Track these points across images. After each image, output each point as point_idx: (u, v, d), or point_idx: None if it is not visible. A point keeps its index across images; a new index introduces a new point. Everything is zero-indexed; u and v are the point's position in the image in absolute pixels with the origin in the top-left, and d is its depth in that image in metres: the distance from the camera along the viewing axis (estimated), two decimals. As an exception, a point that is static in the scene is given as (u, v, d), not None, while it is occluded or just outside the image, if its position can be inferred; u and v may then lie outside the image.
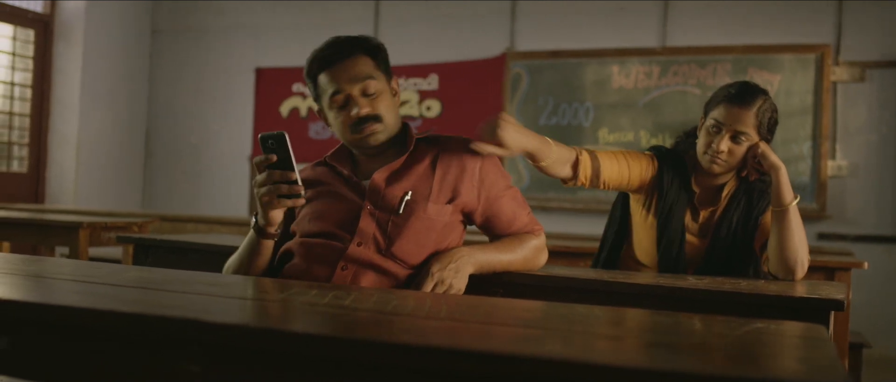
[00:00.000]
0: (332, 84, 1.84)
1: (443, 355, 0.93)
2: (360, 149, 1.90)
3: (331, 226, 1.82)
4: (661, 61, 5.65)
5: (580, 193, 5.77)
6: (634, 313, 1.24)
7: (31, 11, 6.41)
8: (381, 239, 1.80)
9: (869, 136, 5.31)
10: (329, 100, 1.85)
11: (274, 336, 0.95)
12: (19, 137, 6.50)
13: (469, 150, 1.87)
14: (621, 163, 2.14)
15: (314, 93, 1.92)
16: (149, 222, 3.78)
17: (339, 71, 1.84)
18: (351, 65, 1.85)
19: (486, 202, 1.91)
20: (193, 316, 0.98)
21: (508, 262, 1.91)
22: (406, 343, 0.96)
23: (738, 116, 2.06)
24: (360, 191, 1.86)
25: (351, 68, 1.84)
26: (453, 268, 1.79)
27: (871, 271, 4.88)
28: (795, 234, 2.00)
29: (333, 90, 1.83)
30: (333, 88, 1.83)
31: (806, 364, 0.88)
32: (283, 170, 1.66)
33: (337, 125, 1.87)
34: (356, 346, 0.95)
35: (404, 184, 1.85)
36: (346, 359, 0.95)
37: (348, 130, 1.84)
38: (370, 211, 1.82)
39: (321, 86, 1.87)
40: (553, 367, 0.87)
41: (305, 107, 6.56)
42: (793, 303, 1.67)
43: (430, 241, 1.83)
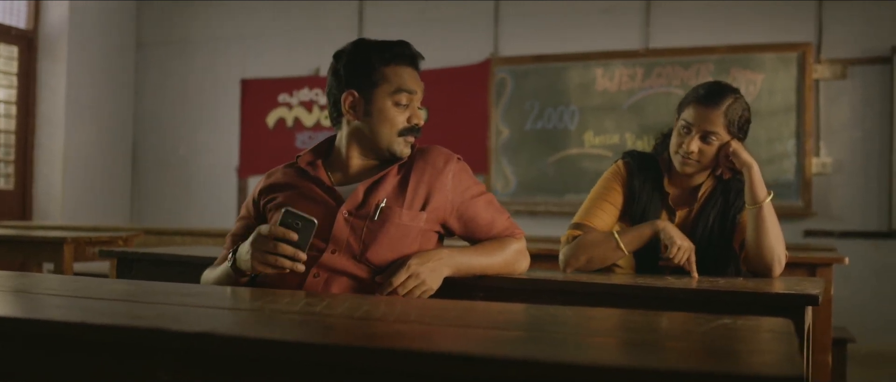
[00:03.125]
0: (403, 81, 1.84)
1: (414, 357, 0.94)
2: (386, 154, 1.87)
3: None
4: (644, 63, 5.68)
5: (568, 196, 5.79)
6: (604, 312, 1.25)
7: (14, 28, 6.40)
8: (355, 244, 1.80)
9: (852, 133, 5.34)
10: (392, 94, 1.83)
11: (242, 343, 0.96)
12: (5, 154, 6.49)
13: (441, 158, 1.89)
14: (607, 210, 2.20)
15: (363, 77, 1.84)
16: (134, 235, 3.77)
17: (412, 73, 1.87)
18: (416, 73, 1.90)
19: (461, 206, 1.92)
20: (161, 326, 0.99)
21: (487, 265, 1.91)
22: (377, 347, 0.96)
23: (706, 116, 2.08)
24: (335, 196, 1.85)
25: (416, 76, 1.88)
26: (430, 267, 1.80)
27: (856, 267, 4.92)
28: (771, 231, 2.02)
29: (404, 88, 1.83)
30: (405, 87, 1.84)
31: (767, 356, 0.89)
32: (296, 248, 1.63)
33: (386, 121, 1.83)
34: (327, 351, 0.96)
35: (379, 192, 1.85)
36: (317, 364, 0.96)
37: (396, 131, 1.84)
38: (346, 217, 1.82)
39: (386, 78, 1.83)
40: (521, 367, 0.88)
41: (292, 118, 6.56)
42: (769, 300, 1.69)
43: (405, 247, 1.83)
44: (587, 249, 2.10)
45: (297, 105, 6.55)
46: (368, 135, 1.86)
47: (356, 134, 1.88)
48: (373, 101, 1.84)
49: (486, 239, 1.96)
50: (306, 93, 6.51)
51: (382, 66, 1.84)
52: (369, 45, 1.87)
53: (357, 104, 1.85)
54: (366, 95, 1.84)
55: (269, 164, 6.61)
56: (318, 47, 6.50)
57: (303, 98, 6.52)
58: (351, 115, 1.85)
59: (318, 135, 6.41)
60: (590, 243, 2.11)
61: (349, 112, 1.85)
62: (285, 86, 6.59)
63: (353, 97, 1.85)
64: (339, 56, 1.90)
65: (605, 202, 2.21)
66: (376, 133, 1.85)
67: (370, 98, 1.84)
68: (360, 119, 1.85)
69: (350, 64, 1.86)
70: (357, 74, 1.85)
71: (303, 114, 6.53)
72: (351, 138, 1.89)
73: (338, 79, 1.88)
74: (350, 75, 1.85)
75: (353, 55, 1.87)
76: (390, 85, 1.83)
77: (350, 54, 1.87)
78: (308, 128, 6.51)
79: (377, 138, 1.85)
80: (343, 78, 1.86)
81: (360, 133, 1.87)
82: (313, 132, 6.48)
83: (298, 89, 6.53)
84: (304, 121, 6.52)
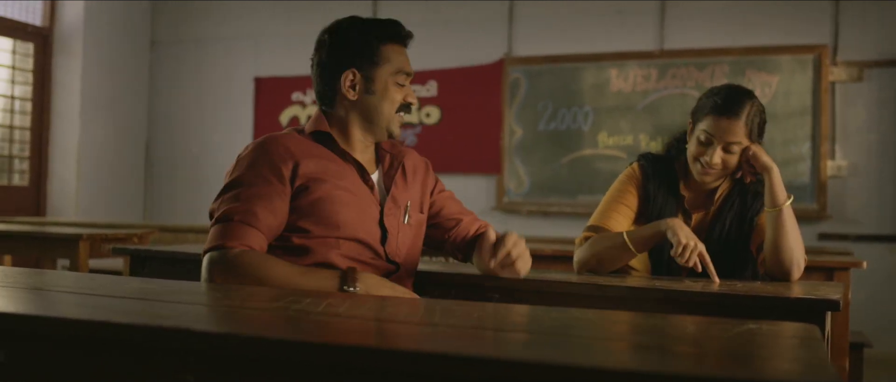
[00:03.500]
0: (404, 62, 1.86)
1: (436, 360, 0.93)
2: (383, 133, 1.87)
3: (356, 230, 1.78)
4: (659, 64, 5.66)
5: (581, 197, 5.77)
6: (627, 316, 1.24)
7: (30, 25, 6.43)
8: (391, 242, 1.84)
9: (868, 136, 5.30)
10: (394, 74, 1.84)
11: (266, 344, 0.96)
12: (20, 151, 6.52)
13: (423, 162, 2.00)
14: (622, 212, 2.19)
15: (364, 56, 1.83)
16: (149, 233, 3.78)
17: (405, 53, 1.88)
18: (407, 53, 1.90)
19: (437, 196, 2.01)
20: (186, 326, 0.99)
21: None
22: (400, 349, 0.96)
23: (728, 128, 2.05)
24: (368, 181, 1.85)
25: (407, 57, 1.89)
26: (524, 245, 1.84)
27: (872, 270, 4.87)
28: (790, 234, 2.00)
29: (404, 69, 1.85)
30: (405, 68, 1.85)
31: (797, 364, 0.88)
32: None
33: (387, 99, 1.84)
34: (349, 353, 0.95)
35: (399, 189, 1.89)
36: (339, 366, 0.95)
37: (394, 109, 1.85)
38: (387, 211, 1.85)
39: (387, 57, 1.84)
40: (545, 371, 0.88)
41: (305, 116, 6.56)
42: (789, 304, 1.68)
43: (416, 248, 1.92)
44: (597, 250, 2.10)
45: (311, 103, 6.56)
46: (368, 113, 1.85)
47: (356, 112, 1.86)
48: (375, 80, 1.84)
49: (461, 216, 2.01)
50: (320, 91, 6.51)
51: (382, 45, 1.84)
52: (366, 23, 1.87)
53: (358, 83, 1.84)
54: (367, 74, 1.84)
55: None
56: (331, 46, 6.50)
57: (316, 97, 6.52)
58: (351, 94, 1.84)
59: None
60: (600, 244, 2.10)
61: (349, 90, 1.84)
62: (299, 84, 6.60)
63: (354, 75, 1.84)
64: (335, 32, 1.87)
65: (620, 204, 2.20)
66: (378, 111, 1.84)
67: (371, 76, 1.84)
68: (359, 97, 1.84)
69: (349, 42, 1.84)
70: (357, 53, 1.84)
71: (316, 112, 6.53)
72: (350, 117, 1.87)
73: (334, 56, 1.85)
74: (349, 53, 1.84)
75: (350, 33, 1.85)
76: (392, 65, 1.84)
77: (346, 32, 1.86)
78: (321, 126, 6.51)
79: (378, 116, 1.85)
80: (342, 55, 1.84)
81: (360, 111, 1.86)
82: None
83: (312, 88, 6.53)
84: (317, 120, 6.52)
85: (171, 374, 0.99)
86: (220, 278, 1.63)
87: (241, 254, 1.64)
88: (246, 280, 1.61)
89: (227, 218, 1.69)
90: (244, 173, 1.74)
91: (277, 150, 1.76)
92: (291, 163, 1.75)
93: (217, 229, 1.70)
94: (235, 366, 0.98)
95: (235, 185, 1.74)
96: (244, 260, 1.63)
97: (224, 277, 1.62)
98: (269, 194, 1.71)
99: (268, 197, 1.71)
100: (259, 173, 1.73)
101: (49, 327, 1.08)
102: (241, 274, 1.62)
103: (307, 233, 1.74)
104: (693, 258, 1.93)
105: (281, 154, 1.75)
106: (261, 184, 1.71)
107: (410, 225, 1.88)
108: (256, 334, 0.98)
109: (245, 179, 1.73)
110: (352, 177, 1.81)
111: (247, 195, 1.70)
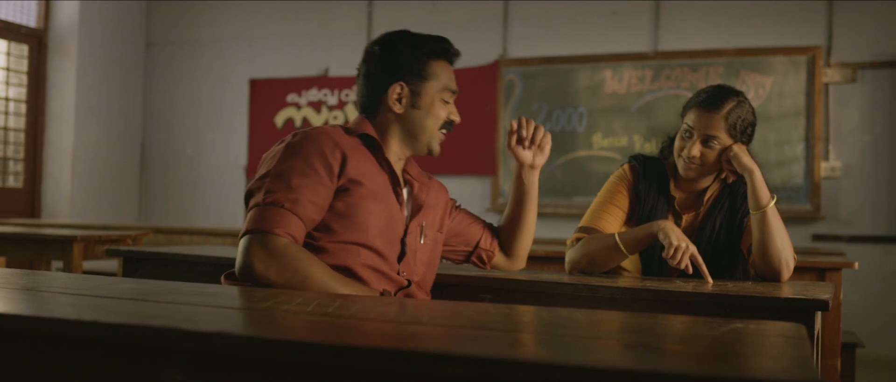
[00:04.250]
0: (451, 80, 1.89)
1: (425, 359, 0.94)
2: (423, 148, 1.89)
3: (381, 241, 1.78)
4: (653, 65, 5.67)
5: (576, 198, 5.78)
6: (615, 315, 1.25)
7: (24, 26, 6.42)
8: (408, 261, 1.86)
9: (862, 137, 5.32)
10: (440, 91, 1.86)
11: (255, 343, 0.96)
12: (15, 152, 6.51)
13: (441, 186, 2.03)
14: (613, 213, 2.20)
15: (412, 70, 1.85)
16: (143, 234, 3.78)
17: (452, 71, 1.91)
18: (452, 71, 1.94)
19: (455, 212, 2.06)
20: (174, 325, 0.99)
21: None
22: (388, 348, 0.96)
23: (707, 121, 2.07)
24: (400, 199, 1.85)
25: (453, 75, 1.92)
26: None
27: (865, 271, 4.90)
28: (777, 236, 2.00)
29: (450, 87, 1.88)
30: (451, 85, 1.88)
31: (781, 361, 0.89)
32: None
33: (432, 115, 1.86)
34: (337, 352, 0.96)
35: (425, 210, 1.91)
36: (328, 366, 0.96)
37: (437, 125, 1.87)
38: (410, 230, 1.86)
39: (435, 73, 1.86)
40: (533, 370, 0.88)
41: (300, 118, 6.57)
42: (778, 304, 1.68)
43: (433, 265, 1.93)
44: (589, 251, 2.10)
45: (306, 105, 6.56)
46: (412, 127, 1.86)
47: (398, 125, 1.87)
48: (422, 95, 1.85)
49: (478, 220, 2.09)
50: (315, 93, 6.52)
51: (430, 61, 1.86)
52: (416, 38, 1.88)
53: (405, 96, 1.85)
54: (414, 88, 1.85)
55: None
56: (326, 48, 6.51)
57: (311, 98, 6.53)
58: (397, 107, 1.85)
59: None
60: (592, 245, 2.11)
61: (395, 103, 1.85)
62: (294, 86, 6.60)
63: (402, 88, 1.85)
64: (385, 45, 1.87)
65: (612, 205, 2.21)
66: (422, 126, 1.86)
67: (419, 91, 1.85)
68: (405, 110, 1.86)
69: (399, 55, 1.85)
70: (406, 67, 1.85)
71: (311, 114, 6.54)
72: (391, 129, 1.87)
73: (383, 68, 1.85)
74: (399, 66, 1.85)
75: (400, 47, 1.86)
76: (439, 81, 1.87)
77: (398, 45, 1.86)
78: (316, 128, 6.51)
79: (422, 131, 1.87)
80: (391, 68, 1.85)
81: (403, 124, 1.87)
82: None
83: (307, 89, 6.54)
84: (312, 122, 6.53)
85: (159, 373, 1.00)
86: (261, 264, 1.60)
87: (287, 246, 1.62)
88: (285, 272, 1.59)
89: (274, 203, 1.66)
90: (296, 161, 1.71)
91: (329, 144, 1.74)
92: (341, 159, 1.74)
93: (261, 212, 1.66)
94: (224, 366, 0.99)
95: (286, 171, 1.70)
96: (289, 252, 1.62)
97: (265, 264, 1.60)
98: (317, 187, 1.70)
99: (315, 190, 1.69)
100: (310, 163, 1.71)
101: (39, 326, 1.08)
102: (283, 264, 1.60)
103: (332, 234, 1.72)
104: (684, 260, 1.94)
105: (332, 149, 1.74)
106: (311, 175, 1.70)
107: (426, 246, 1.90)
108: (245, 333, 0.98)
109: (296, 167, 1.70)
110: (386, 188, 1.82)
111: (297, 184, 1.68)
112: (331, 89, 6.48)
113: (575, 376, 0.86)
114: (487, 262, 2.07)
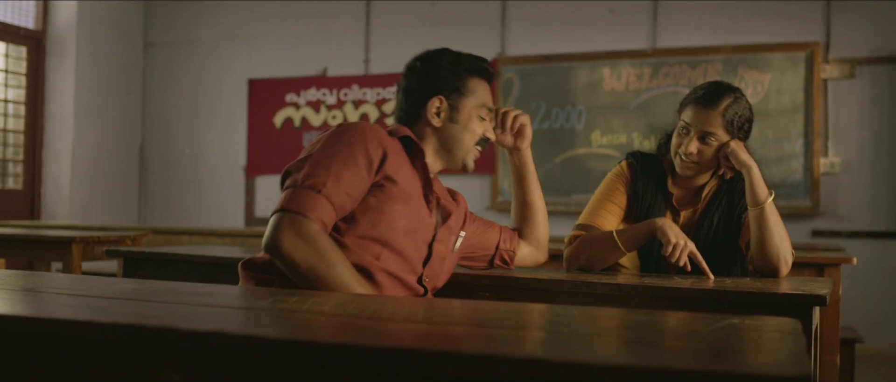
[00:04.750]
0: (488, 98, 1.94)
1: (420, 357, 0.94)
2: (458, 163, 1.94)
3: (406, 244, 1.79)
4: (651, 63, 5.68)
5: (575, 196, 5.78)
6: (610, 312, 1.25)
7: (22, 28, 6.43)
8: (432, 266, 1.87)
9: (860, 133, 5.33)
10: (478, 107, 1.91)
11: (250, 342, 0.96)
12: (14, 154, 6.52)
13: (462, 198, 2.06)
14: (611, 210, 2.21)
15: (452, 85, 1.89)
16: (142, 235, 3.79)
17: (490, 90, 1.96)
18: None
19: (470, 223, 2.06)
20: (171, 325, 0.99)
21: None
22: (384, 346, 0.97)
23: (704, 117, 2.08)
24: (430, 207, 1.87)
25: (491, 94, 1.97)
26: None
27: (865, 267, 4.90)
28: (775, 232, 2.01)
29: (488, 105, 1.93)
30: (489, 103, 1.93)
31: (775, 356, 0.89)
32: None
33: (468, 130, 1.90)
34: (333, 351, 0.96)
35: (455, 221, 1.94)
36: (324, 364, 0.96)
37: (473, 141, 1.92)
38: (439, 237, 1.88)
39: (474, 90, 1.91)
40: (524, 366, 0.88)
41: (299, 118, 6.57)
42: (776, 300, 1.69)
43: (449, 273, 1.95)
44: (587, 248, 2.11)
45: (305, 105, 6.56)
46: (449, 141, 1.91)
47: (435, 138, 1.91)
48: (460, 110, 1.90)
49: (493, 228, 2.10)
50: (314, 92, 6.52)
51: (470, 78, 1.91)
52: (457, 55, 1.93)
53: (443, 110, 1.89)
54: (454, 103, 1.90)
55: (276, 164, 6.66)
56: (325, 47, 6.52)
57: (310, 98, 6.54)
58: (436, 120, 1.89)
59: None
60: (590, 242, 2.11)
61: (434, 116, 1.89)
62: (293, 85, 6.60)
63: (441, 102, 1.89)
64: (427, 60, 1.92)
65: (609, 203, 2.21)
66: (458, 140, 1.91)
67: (458, 106, 1.90)
68: (443, 124, 1.90)
69: (441, 70, 1.90)
70: (447, 82, 1.89)
71: (310, 114, 6.55)
72: (428, 141, 1.91)
73: (425, 81, 1.90)
74: (440, 81, 1.89)
75: (441, 62, 1.91)
76: (477, 98, 1.91)
77: (438, 61, 1.91)
78: (315, 127, 6.52)
79: (458, 146, 1.91)
80: (431, 82, 1.89)
81: (440, 138, 1.91)
82: (320, 132, 6.48)
83: (306, 89, 6.55)
84: (311, 121, 6.53)
85: (157, 373, 1.00)
86: (289, 243, 1.60)
87: (318, 231, 1.63)
88: (311, 257, 1.59)
89: (312, 187, 1.66)
90: (339, 149, 1.72)
91: (374, 139, 1.76)
92: (382, 155, 1.76)
93: (298, 194, 1.66)
94: (221, 365, 0.99)
95: (328, 158, 1.71)
96: (319, 239, 1.62)
97: (293, 244, 1.60)
98: (355, 178, 1.71)
99: (351, 181, 1.71)
100: (353, 154, 1.72)
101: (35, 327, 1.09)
102: (311, 249, 1.60)
103: (357, 227, 1.73)
104: (683, 257, 1.95)
105: (375, 144, 1.75)
106: (351, 165, 1.71)
107: (456, 254, 1.95)
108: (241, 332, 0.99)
109: (338, 155, 1.71)
110: (418, 192, 1.83)
111: (337, 172, 1.69)
112: (329, 89, 6.48)
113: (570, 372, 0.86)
114: (510, 261, 2.09)
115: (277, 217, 1.64)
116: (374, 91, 6.36)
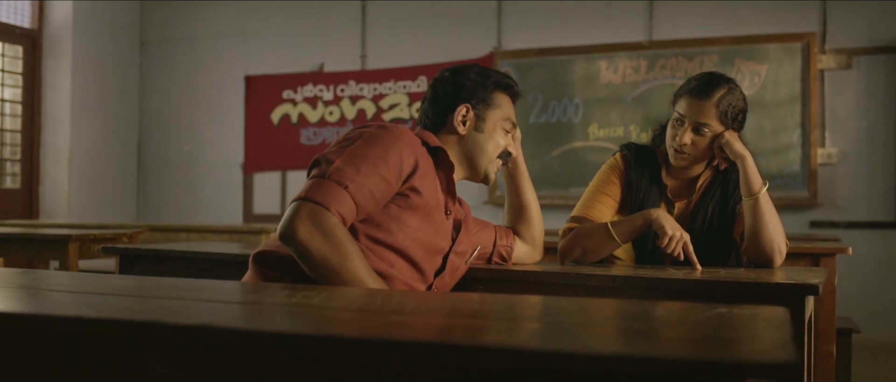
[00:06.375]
0: (512, 113, 1.97)
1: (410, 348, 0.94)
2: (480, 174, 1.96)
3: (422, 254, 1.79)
4: (648, 55, 5.67)
5: (572, 189, 5.78)
6: (599, 303, 1.25)
7: (18, 27, 6.42)
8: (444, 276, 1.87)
9: (858, 123, 5.33)
10: (502, 120, 1.94)
11: (236, 335, 0.97)
12: (11, 153, 6.52)
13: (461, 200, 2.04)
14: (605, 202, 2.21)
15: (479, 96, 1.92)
16: (139, 232, 3.79)
17: (513, 107, 1.99)
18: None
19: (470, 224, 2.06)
20: (156, 319, 1.00)
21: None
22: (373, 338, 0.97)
23: (698, 108, 2.08)
24: (449, 220, 1.87)
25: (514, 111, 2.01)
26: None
27: (862, 257, 4.90)
28: (769, 222, 2.01)
29: (512, 119, 1.96)
30: (512, 118, 1.97)
31: (761, 344, 0.89)
32: None
33: (491, 141, 1.93)
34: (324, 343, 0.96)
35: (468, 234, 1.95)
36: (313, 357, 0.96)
37: (496, 152, 1.95)
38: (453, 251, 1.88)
39: (499, 104, 1.94)
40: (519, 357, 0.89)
41: (296, 114, 6.57)
42: (769, 289, 1.69)
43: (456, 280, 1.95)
44: (582, 240, 2.11)
45: (302, 101, 6.56)
46: (472, 150, 1.93)
47: (459, 146, 1.93)
48: (486, 120, 1.93)
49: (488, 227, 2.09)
50: (310, 89, 6.52)
51: (496, 91, 1.94)
52: (487, 70, 1.98)
53: (469, 119, 1.92)
54: (480, 113, 1.92)
55: (273, 161, 6.67)
56: (321, 43, 6.51)
57: (307, 94, 6.53)
58: (462, 128, 1.91)
59: (323, 131, 6.42)
60: (584, 234, 2.11)
61: (460, 124, 1.91)
62: (289, 82, 6.60)
63: (467, 110, 1.91)
64: (456, 72, 1.95)
65: (604, 194, 2.21)
66: (482, 150, 1.93)
67: (483, 116, 1.92)
68: (468, 133, 1.92)
69: (470, 81, 1.93)
70: (476, 92, 1.92)
71: (307, 110, 6.54)
72: (451, 150, 1.92)
73: (454, 90, 1.93)
74: (468, 91, 1.92)
75: (470, 74, 1.94)
76: (502, 111, 1.94)
77: (467, 72, 1.95)
78: (313, 124, 6.52)
79: (481, 155, 1.93)
80: (461, 90, 1.92)
81: (464, 146, 1.93)
82: (318, 128, 6.48)
83: (302, 85, 6.54)
84: (308, 117, 6.53)
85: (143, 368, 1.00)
86: (306, 232, 1.58)
87: (337, 225, 1.60)
88: (326, 249, 1.57)
89: (339, 181, 1.64)
90: (374, 149, 1.70)
91: (408, 148, 1.75)
92: (413, 165, 1.75)
93: (322, 185, 1.64)
94: (209, 359, 0.99)
95: (360, 155, 1.69)
96: (337, 232, 1.60)
97: (310, 233, 1.57)
98: (382, 182, 1.69)
99: (378, 184, 1.69)
100: (386, 157, 1.70)
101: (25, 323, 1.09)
102: (327, 241, 1.58)
103: (376, 230, 1.72)
104: (678, 248, 1.95)
105: (409, 153, 1.75)
106: (382, 168, 1.69)
107: (467, 266, 1.96)
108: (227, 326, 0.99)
109: (371, 156, 1.69)
110: (439, 206, 1.83)
111: (366, 171, 1.67)
112: (326, 85, 6.47)
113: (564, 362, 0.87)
114: (509, 257, 2.09)
115: (296, 205, 1.62)
116: (370, 86, 6.35)
